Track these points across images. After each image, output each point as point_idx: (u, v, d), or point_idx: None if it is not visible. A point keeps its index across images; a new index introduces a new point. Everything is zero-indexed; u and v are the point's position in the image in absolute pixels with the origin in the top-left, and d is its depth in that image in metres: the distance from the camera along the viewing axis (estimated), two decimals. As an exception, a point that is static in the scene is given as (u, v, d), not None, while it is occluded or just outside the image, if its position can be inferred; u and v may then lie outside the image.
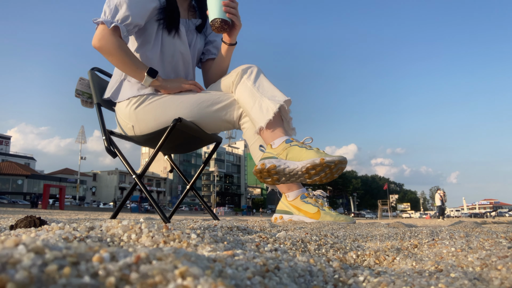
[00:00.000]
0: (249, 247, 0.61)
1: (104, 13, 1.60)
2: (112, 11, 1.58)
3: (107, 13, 1.59)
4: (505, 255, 0.52)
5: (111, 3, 1.60)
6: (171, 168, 2.26)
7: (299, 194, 1.90)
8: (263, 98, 1.55)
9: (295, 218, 1.89)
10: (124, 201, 1.76)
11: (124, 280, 0.27)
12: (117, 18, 1.58)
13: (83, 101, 1.83)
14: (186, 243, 0.51)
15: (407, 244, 0.71)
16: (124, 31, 1.60)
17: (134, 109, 1.67)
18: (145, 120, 1.67)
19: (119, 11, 1.58)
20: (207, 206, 2.12)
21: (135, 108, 1.66)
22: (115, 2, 1.59)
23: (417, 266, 0.56)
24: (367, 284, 0.42)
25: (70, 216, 4.26)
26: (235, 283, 0.31)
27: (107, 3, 1.61)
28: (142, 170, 1.73)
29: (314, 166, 1.37)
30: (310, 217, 1.85)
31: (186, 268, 0.28)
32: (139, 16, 1.62)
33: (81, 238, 0.51)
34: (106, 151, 1.67)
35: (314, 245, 0.72)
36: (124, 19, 1.59)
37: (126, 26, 1.60)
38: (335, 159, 1.36)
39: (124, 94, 1.69)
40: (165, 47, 1.74)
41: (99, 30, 1.60)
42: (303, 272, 0.42)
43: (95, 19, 1.62)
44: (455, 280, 0.42)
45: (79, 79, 1.83)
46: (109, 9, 1.59)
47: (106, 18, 1.58)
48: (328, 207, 1.90)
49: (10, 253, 0.26)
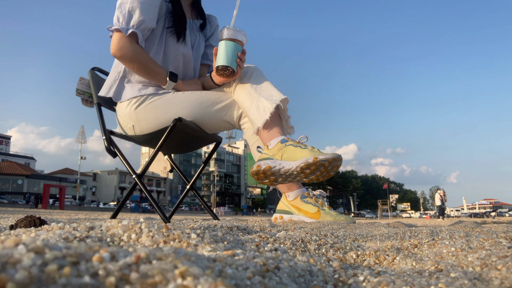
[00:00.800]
0: (249, 247, 0.61)
1: (118, 19, 1.58)
2: (126, 17, 1.57)
3: (121, 19, 1.57)
4: (505, 255, 0.52)
5: (123, 9, 1.57)
6: (171, 168, 2.26)
7: (299, 194, 1.90)
8: (260, 98, 1.55)
9: (295, 218, 1.89)
10: (124, 201, 1.76)
11: (124, 280, 0.27)
12: (132, 24, 1.57)
13: (83, 100, 1.83)
14: (186, 243, 0.51)
15: (407, 244, 0.71)
16: (141, 37, 1.59)
17: (134, 109, 1.67)
18: (146, 119, 1.67)
19: (133, 17, 1.57)
20: (207, 206, 2.12)
21: (135, 108, 1.66)
22: (128, 7, 1.57)
23: (417, 266, 0.56)
24: (367, 284, 0.42)
25: (70, 216, 4.26)
26: (235, 283, 0.31)
27: (118, 8, 1.59)
28: (142, 170, 1.73)
29: (308, 165, 1.36)
30: (310, 217, 1.86)
31: (186, 268, 0.28)
32: (153, 19, 1.62)
33: (81, 238, 0.51)
34: (106, 151, 1.67)
35: (314, 245, 0.72)
36: (139, 24, 1.58)
37: (141, 31, 1.59)
38: (329, 157, 1.35)
39: (126, 94, 1.69)
40: (169, 48, 1.74)
41: (116, 38, 1.58)
42: (303, 272, 0.42)
43: (110, 27, 1.61)
44: (455, 280, 0.42)
45: (80, 78, 1.83)
46: (122, 15, 1.57)
47: (121, 25, 1.57)
48: (328, 207, 1.90)
49: (10, 253, 0.26)
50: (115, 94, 1.71)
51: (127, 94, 1.68)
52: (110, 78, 1.74)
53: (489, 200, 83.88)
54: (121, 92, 1.71)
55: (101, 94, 1.72)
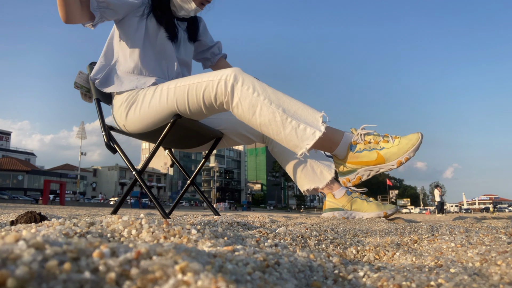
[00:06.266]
0: (249, 242, 0.61)
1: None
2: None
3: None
4: (505, 250, 0.52)
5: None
6: (172, 162, 2.27)
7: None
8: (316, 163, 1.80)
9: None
10: (124, 196, 1.76)
11: (125, 276, 0.27)
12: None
13: (82, 94, 1.83)
14: (187, 238, 0.51)
15: (407, 240, 0.71)
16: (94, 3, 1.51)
17: (125, 114, 1.63)
18: (134, 123, 1.64)
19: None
20: (207, 201, 2.12)
21: (126, 113, 1.63)
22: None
23: (417, 261, 0.56)
24: (367, 279, 0.42)
25: (71, 211, 4.27)
26: (235, 278, 0.31)
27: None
28: (142, 167, 1.73)
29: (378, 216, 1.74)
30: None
31: (187, 263, 0.28)
32: (119, 7, 1.59)
33: (82, 233, 0.51)
34: (106, 146, 1.67)
35: (314, 240, 0.72)
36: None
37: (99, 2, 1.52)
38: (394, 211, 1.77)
39: (113, 86, 1.65)
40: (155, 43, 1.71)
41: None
42: (303, 267, 0.43)
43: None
44: (455, 275, 0.42)
45: (79, 72, 1.82)
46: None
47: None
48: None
49: (10, 249, 0.26)
50: (101, 82, 1.67)
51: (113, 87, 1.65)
52: (100, 63, 1.71)
53: (489, 195, 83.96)
54: (106, 82, 1.68)
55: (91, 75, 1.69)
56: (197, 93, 1.46)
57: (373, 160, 1.38)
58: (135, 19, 1.69)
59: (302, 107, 1.36)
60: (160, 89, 1.57)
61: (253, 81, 1.39)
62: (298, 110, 1.35)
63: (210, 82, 1.43)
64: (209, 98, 1.45)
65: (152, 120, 1.60)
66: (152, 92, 1.59)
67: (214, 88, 1.42)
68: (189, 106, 1.50)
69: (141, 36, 1.69)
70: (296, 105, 1.36)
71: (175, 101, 1.51)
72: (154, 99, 1.57)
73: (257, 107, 1.35)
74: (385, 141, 1.38)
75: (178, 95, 1.51)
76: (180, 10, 1.73)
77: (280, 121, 1.33)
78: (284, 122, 1.32)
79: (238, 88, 1.38)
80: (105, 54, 1.73)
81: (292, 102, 1.37)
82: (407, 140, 1.36)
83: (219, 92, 1.41)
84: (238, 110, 1.40)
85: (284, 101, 1.36)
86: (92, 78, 1.70)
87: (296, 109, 1.35)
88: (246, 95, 1.37)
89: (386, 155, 1.36)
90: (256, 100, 1.35)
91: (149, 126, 1.63)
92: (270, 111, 1.34)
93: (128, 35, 1.69)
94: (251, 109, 1.36)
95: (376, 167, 1.40)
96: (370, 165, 1.40)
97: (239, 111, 1.40)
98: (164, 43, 1.73)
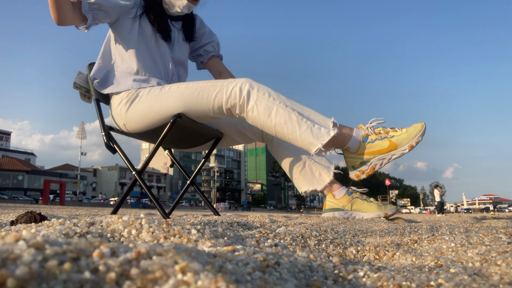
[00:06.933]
0: (249, 242, 0.61)
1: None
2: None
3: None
4: (505, 250, 0.52)
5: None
6: (171, 162, 2.27)
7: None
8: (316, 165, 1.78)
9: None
10: (124, 196, 1.76)
11: (125, 276, 0.27)
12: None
13: (81, 94, 1.83)
14: (187, 238, 0.51)
15: (407, 240, 0.71)
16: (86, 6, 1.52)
17: (125, 110, 1.64)
18: (135, 120, 1.65)
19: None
20: (207, 201, 2.12)
21: (126, 109, 1.63)
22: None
23: (417, 261, 0.56)
24: (367, 279, 0.42)
25: (71, 211, 4.27)
26: (235, 278, 0.31)
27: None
28: (142, 167, 1.73)
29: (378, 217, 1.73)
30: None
31: (186, 263, 0.28)
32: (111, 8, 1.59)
33: (82, 233, 0.51)
34: (106, 147, 1.67)
35: (314, 240, 0.72)
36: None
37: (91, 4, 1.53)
38: (394, 212, 1.77)
39: (111, 87, 1.66)
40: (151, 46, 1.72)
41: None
42: (303, 267, 0.43)
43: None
44: (455, 275, 0.42)
45: (78, 72, 1.82)
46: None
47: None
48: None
49: (10, 249, 0.26)
50: (100, 83, 1.68)
51: (112, 87, 1.66)
52: (98, 64, 1.72)
53: (489, 195, 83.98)
54: (105, 83, 1.69)
55: (90, 75, 1.70)
56: (209, 95, 1.50)
57: (385, 148, 1.48)
58: (128, 21, 1.69)
59: (315, 113, 1.48)
60: (169, 88, 1.59)
61: (268, 88, 1.49)
62: (311, 115, 1.46)
63: (224, 86, 1.49)
64: (220, 100, 1.49)
65: (154, 118, 1.61)
66: (158, 90, 1.60)
67: (227, 92, 1.47)
68: (197, 107, 1.53)
69: (135, 37, 1.70)
70: (309, 111, 1.47)
71: (183, 100, 1.53)
72: (159, 97, 1.59)
73: (273, 109, 1.43)
74: (394, 130, 1.50)
75: (188, 94, 1.53)
76: (172, 7, 1.74)
77: (296, 120, 1.42)
78: (300, 121, 1.42)
79: (255, 93, 1.45)
80: (102, 56, 1.74)
81: (305, 108, 1.48)
82: (413, 128, 1.49)
83: (232, 95, 1.46)
84: (253, 113, 1.46)
85: (297, 106, 1.46)
86: (91, 79, 1.71)
87: (309, 113, 1.46)
88: (262, 99, 1.45)
89: (397, 141, 1.47)
90: (272, 103, 1.44)
91: (150, 124, 1.63)
92: (286, 112, 1.43)
93: (122, 37, 1.70)
94: (267, 111, 1.44)
95: (388, 155, 1.48)
96: (383, 153, 1.49)
97: (254, 114, 1.46)
98: (158, 43, 1.74)
